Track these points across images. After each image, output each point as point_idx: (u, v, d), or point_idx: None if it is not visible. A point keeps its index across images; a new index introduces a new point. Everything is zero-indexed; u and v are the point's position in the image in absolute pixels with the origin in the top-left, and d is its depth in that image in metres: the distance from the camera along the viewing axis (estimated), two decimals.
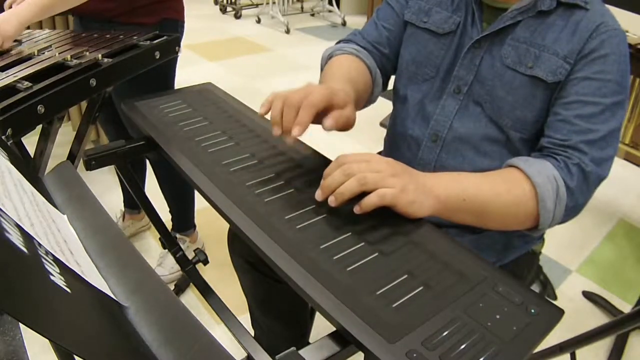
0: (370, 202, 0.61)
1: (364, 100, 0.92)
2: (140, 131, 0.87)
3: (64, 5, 1.16)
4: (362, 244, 0.58)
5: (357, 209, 0.62)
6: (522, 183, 0.70)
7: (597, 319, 1.57)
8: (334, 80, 0.81)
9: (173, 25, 1.37)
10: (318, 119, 0.69)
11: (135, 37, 1.19)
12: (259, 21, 4.80)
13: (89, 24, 1.35)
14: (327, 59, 0.94)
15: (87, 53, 1.08)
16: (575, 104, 0.73)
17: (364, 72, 0.90)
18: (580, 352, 1.11)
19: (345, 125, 0.71)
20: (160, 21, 1.34)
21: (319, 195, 0.64)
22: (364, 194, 0.61)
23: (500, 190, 0.69)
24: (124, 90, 1.27)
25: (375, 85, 0.94)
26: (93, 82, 0.99)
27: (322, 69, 0.94)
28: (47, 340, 0.31)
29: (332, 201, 0.62)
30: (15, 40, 1.14)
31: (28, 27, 1.40)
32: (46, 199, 0.59)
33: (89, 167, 0.80)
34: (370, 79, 0.92)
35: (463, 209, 0.68)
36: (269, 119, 0.69)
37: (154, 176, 1.58)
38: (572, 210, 0.72)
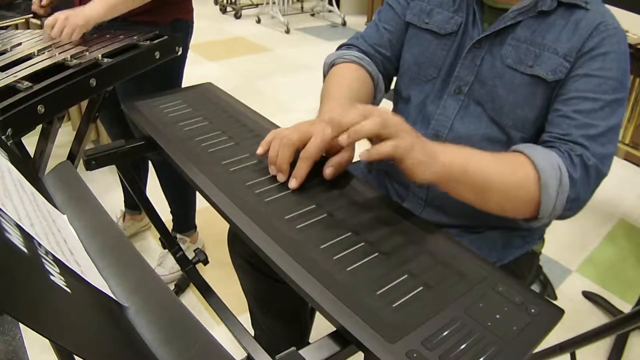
0: (382, 150, 0.59)
1: None
2: (140, 131, 0.87)
3: (129, 6, 1.20)
4: (362, 244, 0.58)
5: (364, 155, 0.60)
6: (527, 167, 0.69)
7: (597, 319, 1.57)
8: (335, 101, 0.81)
9: (184, 26, 1.38)
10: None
11: (135, 37, 1.19)
12: (259, 21, 4.80)
13: (103, 22, 1.35)
14: (329, 67, 0.94)
15: (87, 53, 1.08)
16: (574, 99, 0.73)
17: (365, 81, 0.90)
18: (580, 352, 1.11)
19: (345, 167, 0.72)
20: (173, 21, 1.35)
21: (327, 133, 0.62)
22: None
23: (504, 170, 0.68)
24: (131, 90, 1.27)
25: (378, 91, 0.94)
26: (93, 82, 1.00)
27: (324, 76, 0.94)
28: (47, 340, 0.31)
29: (343, 139, 0.60)
30: (82, 38, 1.17)
31: (41, 27, 1.39)
32: (46, 199, 0.59)
33: (89, 167, 0.80)
34: (373, 87, 0.92)
35: (465, 181, 0.66)
36: (267, 119, 0.69)
37: (155, 177, 1.58)
38: (573, 202, 0.71)
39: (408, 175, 0.62)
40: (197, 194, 1.59)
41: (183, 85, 1.04)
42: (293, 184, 0.67)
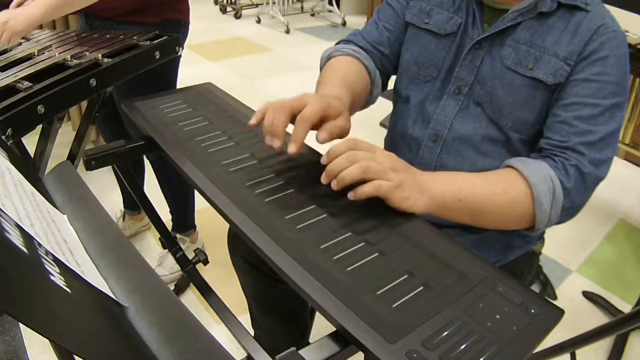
0: (365, 190, 0.62)
1: (362, 101, 0.92)
2: (140, 131, 0.87)
3: (74, 6, 1.15)
4: (362, 244, 0.58)
5: (351, 195, 0.63)
6: (519, 183, 0.70)
7: (597, 319, 1.57)
8: (330, 85, 0.81)
9: (175, 26, 1.37)
10: (312, 128, 0.69)
11: (135, 37, 1.19)
12: (259, 21, 4.80)
13: (94, 21, 1.35)
14: (326, 60, 0.94)
15: (87, 53, 1.08)
16: (574, 105, 0.73)
17: (362, 73, 0.90)
18: (580, 352, 1.11)
19: (340, 136, 0.71)
20: (163, 21, 1.34)
21: (323, 178, 0.65)
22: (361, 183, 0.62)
23: (496, 190, 0.69)
24: (126, 90, 1.27)
25: (374, 86, 0.93)
26: (93, 82, 0.99)
27: (321, 70, 0.94)
28: (47, 340, 0.31)
29: (333, 185, 0.63)
30: (22, 38, 1.13)
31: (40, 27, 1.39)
32: (46, 199, 0.59)
33: (89, 167, 0.80)
34: (369, 80, 0.92)
35: (458, 208, 0.68)
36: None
37: (154, 176, 1.58)
38: (568, 210, 0.72)
39: (397, 209, 0.63)
40: (196, 193, 1.59)
41: (184, 85, 1.04)
42: (292, 148, 0.65)
